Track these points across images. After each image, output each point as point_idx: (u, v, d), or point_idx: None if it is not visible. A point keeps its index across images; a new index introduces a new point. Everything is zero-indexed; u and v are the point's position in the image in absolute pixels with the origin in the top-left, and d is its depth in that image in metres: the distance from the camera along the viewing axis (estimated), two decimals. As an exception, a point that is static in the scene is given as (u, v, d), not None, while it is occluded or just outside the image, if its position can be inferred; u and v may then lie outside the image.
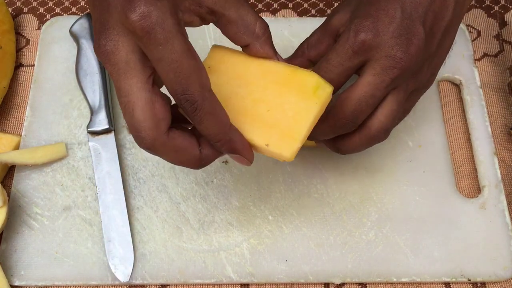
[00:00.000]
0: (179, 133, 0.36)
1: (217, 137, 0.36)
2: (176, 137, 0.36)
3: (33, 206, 0.51)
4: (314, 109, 0.38)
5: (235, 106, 0.39)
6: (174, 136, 0.36)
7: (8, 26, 0.59)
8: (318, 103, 0.38)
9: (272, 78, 0.40)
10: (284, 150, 0.38)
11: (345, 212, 0.51)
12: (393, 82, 0.40)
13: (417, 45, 0.39)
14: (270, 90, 0.40)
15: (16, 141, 0.54)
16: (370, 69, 0.40)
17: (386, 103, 0.41)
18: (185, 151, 0.37)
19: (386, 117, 0.41)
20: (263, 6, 0.64)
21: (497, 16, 0.63)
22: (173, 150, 0.36)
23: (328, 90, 0.39)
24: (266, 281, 0.49)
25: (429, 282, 0.49)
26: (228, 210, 0.51)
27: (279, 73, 0.40)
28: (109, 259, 0.49)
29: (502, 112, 0.57)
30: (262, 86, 0.40)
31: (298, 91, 0.39)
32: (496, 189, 0.52)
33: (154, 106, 0.34)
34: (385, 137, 0.43)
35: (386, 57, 0.39)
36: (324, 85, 0.39)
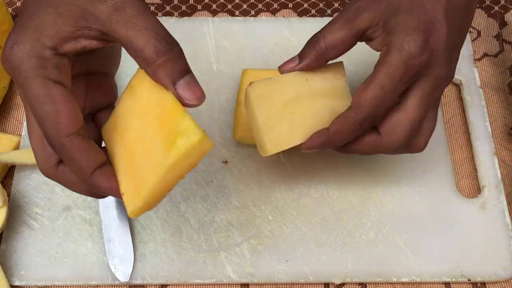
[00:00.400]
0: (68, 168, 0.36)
1: (81, 179, 0.35)
2: (65, 172, 0.36)
3: (33, 206, 0.51)
4: (166, 162, 0.32)
5: (127, 139, 0.36)
6: (62, 170, 0.36)
7: (8, 26, 0.59)
8: (172, 155, 0.32)
9: (158, 112, 0.34)
10: (129, 204, 0.34)
11: (345, 212, 0.51)
12: (437, 99, 0.39)
13: (457, 58, 0.38)
14: (152, 127, 0.34)
15: (16, 141, 0.54)
16: (418, 90, 0.38)
17: (430, 122, 0.41)
18: (73, 184, 0.37)
19: (430, 134, 0.41)
20: (263, 6, 0.64)
21: (497, 16, 0.63)
22: (63, 183, 0.37)
23: (194, 138, 0.32)
24: (266, 281, 0.49)
25: (429, 282, 0.49)
26: (228, 210, 0.51)
27: (164, 107, 0.34)
28: (109, 259, 0.49)
29: (502, 112, 0.57)
30: (149, 120, 0.35)
31: (167, 134, 0.33)
32: (496, 189, 0.52)
33: (44, 142, 0.35)
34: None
35: (435, 77, 0.37)
36: (192, 132, 0.32)
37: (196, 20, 0.60)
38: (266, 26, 0.60)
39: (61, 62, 0.34)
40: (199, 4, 0.64)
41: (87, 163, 0.34)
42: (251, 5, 0.64)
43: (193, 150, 0.32)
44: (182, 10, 0.63)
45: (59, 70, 0.34)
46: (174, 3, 0.64)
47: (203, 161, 0.53)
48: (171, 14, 0.63)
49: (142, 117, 0.35)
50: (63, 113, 0.33)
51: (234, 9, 0.63)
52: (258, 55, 0.58)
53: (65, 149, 0.33)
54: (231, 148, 0.54)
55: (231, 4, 0.64)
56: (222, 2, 0.64)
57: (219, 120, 0.55)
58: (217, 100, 0.56)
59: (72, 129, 0.33)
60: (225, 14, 0.63)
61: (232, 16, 0.63)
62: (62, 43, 0.34)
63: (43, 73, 0.33)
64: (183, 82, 0.34)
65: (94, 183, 0.35)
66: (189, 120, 0.33)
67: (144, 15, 0.33)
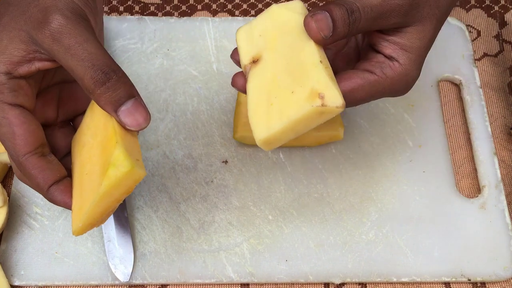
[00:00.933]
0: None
1: (39, 192, 0.37)
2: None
3: (33, 206, 0.51)
4: (100, 190, 0.33)
5: (82, 156, 0.37)
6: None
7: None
8: (104, 184, 0.33)
9: (103, 136, 0.36)
10: (73, 223, 0.36)
11: (345, 212, 0.51)
12: None
13: None
14: (97, 151, 0.36)
15: (16, 141, 0.54)
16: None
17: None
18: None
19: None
20: (263, 6, 0.64)
21: (497, 16, 0.63)
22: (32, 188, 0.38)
23: (122, 169, 0.33)
24: (266, 281, 0.49)
25: (429, 282, 0.49)
26: (228, 210, 0.51)
27: (105, 135, 0.35)
28: (109, 259, 0.49)
29: (502, 112, 0.57)
30: (97, 142, 0.36)
31: (103, 162, 0.34)
32: (496, 189, 0.52)
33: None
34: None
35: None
36: (121, 163, 0.33)
37: (196, 20, 0.60)
38: (266, 26, 0.60)
39: (18, 85, 0.35)
40: (199, 4, 0.64)
41: (42, 180, 0.36)
42: (251, 5, 0.64)
43: (122, 180, 0.33)
44: (182, 10, 0.63)
45: (15, 93, 0.35)
46: (174, 3, 0.64)
47: (203, 161, 0.53)
48: (171, 14, 0.63)
49: (94, 137, 0.36)
50: (19, 134, 0.35)
51: (234, 9, 0.63)
52: (258, 55, 0.58)
53: (22, 166, 0.36)
54: (231, 148, 0.54)
55: (231, 4, 0.64)
56: (222, 2, 0.64)
57: (219, 120, 0.55)
58: (217, 100, 0.56)
59: (27, 149, 0.35)
60: (225, 14, 0.63)
61: (232, 16, 0.63)
62: (16, 67, 0.35)
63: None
64: (124, 109, 0.35)
65: (50, 198, 0.37)
66: (120, 151, 0.33)
67: (82, 44, 0.34)
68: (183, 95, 0.56)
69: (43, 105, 0.39)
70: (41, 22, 0.34)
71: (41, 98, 0.39)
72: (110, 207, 0.35)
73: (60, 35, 0.33)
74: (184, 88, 0.57)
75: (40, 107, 0.39)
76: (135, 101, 0.35)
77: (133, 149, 0.35)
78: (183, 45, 0.59)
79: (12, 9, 0.35)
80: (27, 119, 0.35)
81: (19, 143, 0.35)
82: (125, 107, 0.35)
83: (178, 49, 0.59)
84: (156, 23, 0.60)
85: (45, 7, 0.34)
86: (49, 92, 0.40)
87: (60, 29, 0.34)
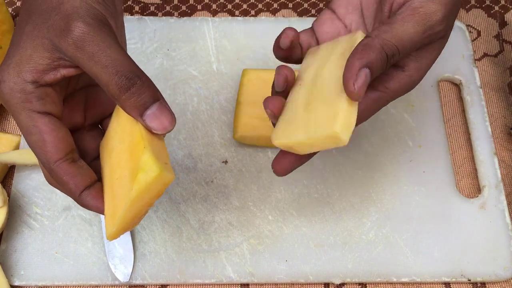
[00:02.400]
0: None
1: (72, 198, 0.38)
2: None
3: (33, 206, 0.51)
4: (130, 195, 0.34)
5: (111, 161, 0.37)
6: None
7: (8, 26, 0.58)
8: (135, 189, 0.33)
9: (130, 142, 0.36)
10: (107, 228, 0.36)
11: (345, 212, 0.51)
12: None
13: None
14: (125, 156, 0.36)
15: (16, 141, 0.54)
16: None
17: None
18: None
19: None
20: (263, 6, 0.64)
21: (497, 16, 0.63)
22: (64, 192, 0.38)
23: (151, 174, 0.33)
24: (266, 281, 0.49)
25: (429, 282, 0.49)
26: (228, 210, 0.51)
27: (132, 140, 0.35)
28: (109, 259, 0.49)
29: (502, 112, 0.57)
30: (125, 147, 0.36)
31: (133, 167, 0.34)
32: (496, 189, 0.52)
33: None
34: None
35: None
36: (150, 167, 0.33)
37: (196, 20, 0.60)
38: (266, 26, 0.60)
39: (45, 93, 0.35)
40: (199, 4, 0.64)
41: (74, 186, 0.36)
42: (251, 5, 0.64)
43: (152, 185, 0.34)
44: (182, 10, 0.63)
45: (43, 101, 0.35)
46: (174, 3, 0.64)
47: (203, 161, 0.53)
48: (171, 14, 0.63)
49: (121, 142, 0.37)
50: (49, 142, 0.35)
51: (234, 9, 0.63)
52: (258, 55, 0.58)
53: (54, 173, 0.36)
54: (231, 148, 0.54)
55: (231, 4, 0.64)
56: (222, 2, 0.64)
57: (219, 120, 0.55)
58: (217, 100, 0.56)
59: (58, 156, 0.36)
60: (225, 14, 0.63)
61: (232, 16, 0.63)
62: (42, 76, 0.35)
63: (27, 106, 0.35)
64: (150, 113, 0.35)
65: (82, 203, 0.37)
66: (148, 156, 0.33)
67: (105, 50, 0.34)
68: (183, 95, 0.56)
69: (70, 111, 0.39)
70: (64, 30, 0.34)
71: (68, 104, 0.39)
72: (142, 211, 0.36)
73: (83, 43, 0.34)
74: (184, 88, 0.57)
75: (67, 113, 0.39)
76: (159, 104, 0.35)
77: (160, 152, 0.35)
78: (183, 45, 0.59)
79: (34, 18, 0.36)
80: (56, 126, 0.36)
81: (50, 150, 0.35)
82: (151, 111, 0.35)
83: (178, 49, 0.59)
84: (156, 23, 0.60)
85: (66, 15, 0.34)
86: (75, 97, 0.40)
87: (83, 37, 0.34)
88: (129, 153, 0.35)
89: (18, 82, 0.35)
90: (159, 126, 0.35)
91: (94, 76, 0.34)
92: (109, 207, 0.36)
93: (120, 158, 0.36)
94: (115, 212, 0.35)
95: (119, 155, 0.36)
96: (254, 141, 0.53)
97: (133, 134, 0.35)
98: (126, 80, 0.34)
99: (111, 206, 0.36)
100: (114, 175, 0.36)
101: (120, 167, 0.36)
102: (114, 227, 0.35)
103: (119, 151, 0.37)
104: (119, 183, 0.35)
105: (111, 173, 0.37)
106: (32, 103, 0.35)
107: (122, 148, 0.36)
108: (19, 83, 0.35)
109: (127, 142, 0.36)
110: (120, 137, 0.37)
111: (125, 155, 0.36)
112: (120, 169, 0.36)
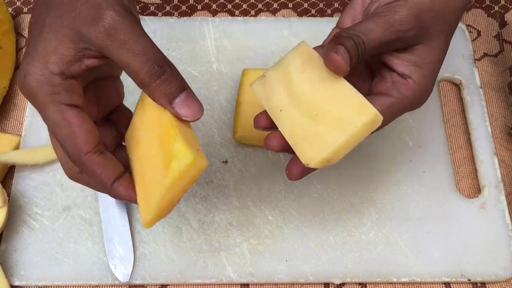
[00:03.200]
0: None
1: (102, 189, 0.38)
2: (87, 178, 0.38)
3: (33, 206, 0.51)
4: (165, 182, 0.34)
5: (140, 151, 0.38)
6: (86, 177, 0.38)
7: (8, 26, 0.59)
8: (169, 176, 0.34)
9: (159, 130, 0.36)
10: (142, 217, 0.37)
11: (345, 212, 0.51)
12: None
13: None
14: (155, 145, 0.36)
15: (16, 141, 0.54)
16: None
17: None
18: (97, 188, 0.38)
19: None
20: (263, 6, 0.64)
21: (497, 16, 0.63)
22: (88, 185, 0.39)
23: (185, 161, 0.33)
24: (266, 281, 0.49)
25: (429, 282, 0.49)
26: (228, 210, 0.51)
27: (163, 127, 0.36)
28: (109, 259, 0.49)
29: (502, 112, 0.57)
30: (154, 137, 0.37)
31: (165, 154, 0.35)
32: (496, 189, 0.52)
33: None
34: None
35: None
36: (184, 155, 0.33)
37: (196, 20, 0.60)
38: (266, 26, 0.60)
39: (71, 85, 0.35)
40: (199, 4, 0.64)
41: (105, 176, 0.36)
42: (251, 5, 0.64)
43: (186, 172, 0.34)
44: (182, 10, 0.63)
45: (71, 93, 0.35)
46: (174, 3, 0.64)
47: (203, 161, 0.53)
48: (171, 14, 0.63)
49: (149, 132, 0.37)
50: (79, 134, 0.35)
51: (234, 9, 0.63)
52: (258, 55, 0.58)
53: (85, 165, 0.36)
54: (231, 148, 0.54)
55: (231, 4, 0.64)
56: (222, 2, 0.64)
57: (219, 120, 0.55)
58: (217, 100, 0.56)
59: (88, 148, 0.35)
60: (225, 14, 0.63)
61: (232, 16, 0.63)
62: (68, 67, 0.35)
63: (56, 98, 0.35)
64: (179, 101, 0.35)
65: (115, 193, 0.37)
66: (181, 143, 0.34)
67: (136, 38, 0.34)
68: (183, 95, 0.56)
69: (87, 104, 0.39)
70: (94, 18, 0.34)
71: (85, 97, 0.39)
72: (176, 198, 0.36)
73: (115, 31, 0.34)
74: (184, 88, 0.57)
75: (86, 106, 0.39)
76: (187, 93, 0.36)
77: (191, 140, 0.36)
78: (183, 45, 0.59)
79: (55, 9, 0.35)
80: (84, 118, 0.36)
81: (80, 142, 0.35)
82: (179, 99, 0.35)
83: (178, 49, 0.59)
84: (156, 23, 0.60)
85: (95, 4, 0.34)
86: (88, 90, 0.40)
87: (114, 25, 0.34)
88: (160, 142, 0.36)
89: (46, 74, 0.34)
90: (188, 113, 0.36)
91: (124, 64, 0.34)
92: (142, 196, 0.37)
93: (150, 148, 0.36)
94: (149, 200, 0.36)
95: (148, 145, 0.37)
96: (254, 141, 0.53)
97: (162, 123, 0.36)
98: (157, 68, 0.34)
99: (144, 194, 0.36)
100: (144, 164, 0.37)
101: (151, 156, 0.36)
102: (150, 214, 0.35)
103: (147, 141, 0.37)
104: (150, 172, 0.36)
105: (140, 163, 0.37)
106: (60, 95, 0.35)
107: (150, 137, 0.37)
108: (47, 75, 0.34)
109: (155, 131, 0.36)
110: (147, 127, 0.37)
111: (155, 145, 0.36)
112: (150, 158, 0.36)
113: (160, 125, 0.36)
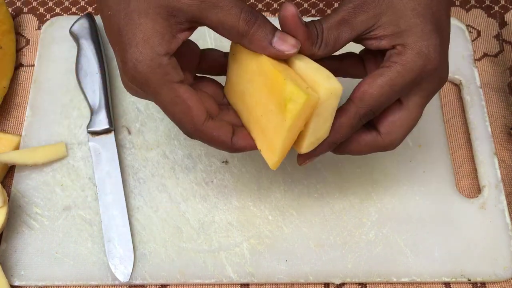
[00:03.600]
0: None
1: (224, 149, 0.39)
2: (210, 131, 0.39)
3: (33, 206, 0.51)
4: (285, 124, 0.36)
5: (247, 102, 0.40)
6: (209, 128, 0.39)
7: (8, 26, 0.59)
8: (288, 118, 0.36)
9: (263, 80, 0.38)
10: (268, 160, 0.39)
11: (345, 212, 0.51)
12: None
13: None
14: (263, 93, 0.38)
15: (16, 141, 0.54)
16: (422, 90, 0.38)
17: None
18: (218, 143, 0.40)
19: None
20: (263, 6, 0.64)
21: (497, 16, 0.63)
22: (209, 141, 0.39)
23: (300, 101, 0.35)
24: (266, 281, 0.49)
25: (429, 282, 0.49)
26: (228, 210, 0.51)
27: (267, 75, 0.37)
28: (109, 259, 0.49)
29: (502, 112, 0.57)
30: (259, 87, 0.38)
31: (277, 100, 0.37)
32: (496, 189, 0.52)
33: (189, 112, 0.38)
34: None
35: (440, 79, 0.39)
36: (297, 95, 0.35)
37: (196, 20, 0.60)
38: (266, 26, 0.60)
39: (174, 62, 0.37)
40: (199, 4, 0.64)
41: (225, 136, 0.39)
42: (251, 5, 0.64)
43: (302, 111, 0.35)
44: (182, 10, 0.63)
45: (177, 70, 0.37)
46: (174, 3, 0.63)
47: (203, 161, 0.53)
48: (171, 14, 0.63)
49: (251, 83, 0.39)
50: (193, 107, 0.37)
51: (234, 9, 0.63)
52: (258, 55, 0.58)
53: (204, 134, 0.38)
54: (231, 148, 0.54)
55: (231, 4, 0.64)
56: (222, 2, 0.64)
57: (219, 120, 0.55)
58: (217, 100, 0.56)
59: (203, 117, 0.37)
60: (225, 14, 0.63)
61: (232, 16, 0.63)
62: (169, 45, 0.36)
63: (168, 79, 0.36)
64: (277, 39, 0.37)
65: (236, 147, 0.39)
66: (291, 86, 0.35)
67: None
68: (183, 95, 0.56)
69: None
70: None
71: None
72: (295, 136, 0.38)
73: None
74: (184, 88, 0.57)
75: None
76: (279, 32, 0.37)
77: (297, 79, 0.37)
78: (183, 45, 0.59)
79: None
80: (192, 91, 0.37)
81: (196, 114, 0.37)
82: (276, 37, 0.37)
83: (178, 49, 0.58)
84: (156, 23, 0.60)
85: None
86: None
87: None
88: (268, 89, 0.37)
89: (155, 58, 0.35)
90: (289, 47, 0.37)
91: (219, 22, 0.36)
92: (262, 142, 0.39)
93: (258, 97, 0.38)
94: (271, 144, 0.38)
95: (254, 94, 0.39)
96: (254, 141, 0.53)
97: (264, 71, 0.37)
98: (251, 15, 0.36)
99: (264, 140, 0.39)
100: (256, 113, 0.39)
101: (261, 104, 0.38)
102: (276, 156, 0.38)
103: (252, 91, 0.39)
104: (265, 118, 0.38)
105: (251, 113, 0.39)
106: (170, 75, 0.36)
107: (256, 88, 0.39)
108: (156, 58, 0.35)
109: (260, 81, 0.38)
110: (248, 78, 0.39)
111: (263, 92, 0.38)
112: (261, 106, 0.38)
113: (263, 73, 0.37)
